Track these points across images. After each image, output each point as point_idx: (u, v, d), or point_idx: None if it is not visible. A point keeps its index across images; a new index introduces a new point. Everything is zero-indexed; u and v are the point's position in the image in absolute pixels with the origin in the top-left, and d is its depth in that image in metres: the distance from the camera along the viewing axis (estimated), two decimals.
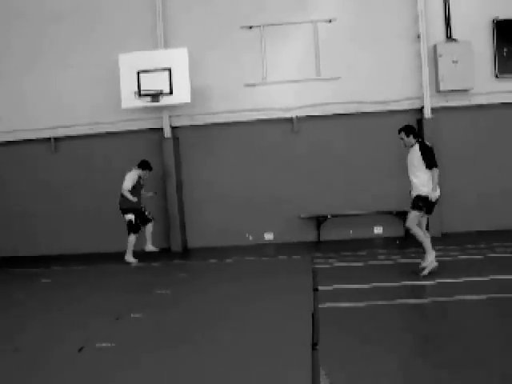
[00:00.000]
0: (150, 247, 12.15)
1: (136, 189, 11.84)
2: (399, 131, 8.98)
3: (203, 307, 7.66)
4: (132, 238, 11.85)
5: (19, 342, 6.42)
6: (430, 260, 8.67)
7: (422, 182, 8.63)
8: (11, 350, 6.11)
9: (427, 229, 9.25)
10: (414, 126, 9.06)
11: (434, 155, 8.71)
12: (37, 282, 10.40)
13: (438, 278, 8.47)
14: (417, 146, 8.76)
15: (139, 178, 11.88)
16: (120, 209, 11.87)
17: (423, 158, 8.60)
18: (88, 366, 5.50)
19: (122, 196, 11.78)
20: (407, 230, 9.00)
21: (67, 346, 6.12)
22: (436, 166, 8.61)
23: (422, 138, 8.90)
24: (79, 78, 13.73)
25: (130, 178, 11.77)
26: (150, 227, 12.06)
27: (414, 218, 8.70)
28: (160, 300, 8.26)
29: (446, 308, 7.04)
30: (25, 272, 11.89)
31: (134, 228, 11.82)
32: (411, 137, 8.85)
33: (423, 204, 8.65)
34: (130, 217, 11.75)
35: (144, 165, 11.96)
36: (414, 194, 8.76)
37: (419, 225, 8.87)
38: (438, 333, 6.00)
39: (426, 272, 8.64)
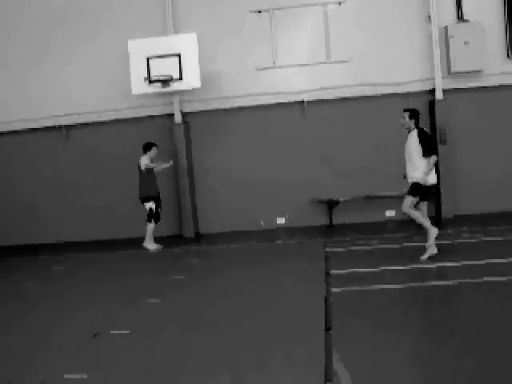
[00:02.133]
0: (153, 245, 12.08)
1: (151, 175, 11.84)
2: (404, 110, 8.97)
3: (217, 292, 7.71)
4: (151, 225, 11.80)
5: (33, 330, 6.49)
6: (433, 238, 8.65)
7: (417, 167, 8.59)
8: (25, 337, 6.18)
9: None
10: (419, 112, 8.99)
11: (432, 142, 8.68)
12: (49, 270, 10.48)
13: (448, 260, 8.46)
14: (415, 132, 8.73)
15: (151, 162, 11.86)
16: (140, 198, 11.82)
17: (421, 145, 8.57)
18: (103, 352, 5.56)
19: (141, 183, 11.78)
20: (407, 215, 8.97)
21: (82, 332, 6.19)
22: (434, 154, 8.58)
23: (421, 126, 8.87)
24: (89, 65, 13.72)
25: (143, 163, 11.73)
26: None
27: (408, 202, 8.69)
28: (174, 285, 8.32)
29: (460, 291, 7.03)
30: (33, 260, 11.99)
31: (154, 216, 11.80)
32: (413, 121, 8.82)
33: (418, 191, 8.62)
34: (151, 205, 11.72)
35: (148, 146, 11.89)
36: (411, 180, 8.71)
37: (420, 211, 8.83)
38: (452, 317, 6.00)
39: (425, 257, 8.64)
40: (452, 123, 12.81)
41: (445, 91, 12.94)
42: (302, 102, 13.41)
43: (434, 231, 8.70)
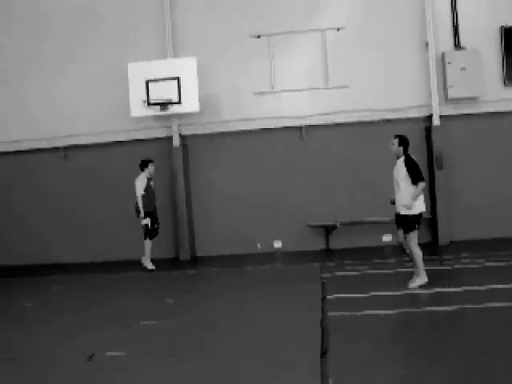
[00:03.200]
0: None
1: (149, 193, 11.83)
2: (394, 137, 8.95)
3: (212, 315, 7.68)
4: (148, 243, 11.83)
5: (29, 350, 6.45)
6: (418, 284, 8.51)
7: (406, 195, 8.56)
8: (22, 359, 6.14)
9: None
10: (408, 140, 8.92)
11: (419, 169, 8.63)
12: (47, 290, 10.44)
13: (447, 287, 8.45)
14: (402, 160, 8.72)
15: (148, 179, 11.86)
16: (136, 213, 11.83)
17: (409, 173, 8.56)
18: (98, 375, 5.52)
19: (137, 202, 11.81)
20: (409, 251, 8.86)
21: (77, 354, 6.14)
22: (422, 180, 8.55)
23: (409, 153, 8.82)
24: (88, 87, 13.80)
25: (141, 183, 11.76)
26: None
27: (415, 237, 8.61)
28: (170, 308, 8.29)
29: (456, 316, 7.01)
30: (33, 280, 11.94)
31: (150, 232, 11.81)
32: (401, 148, 8.80)
33: (416, 222, 8.59)
34: (146, 221, 11.73)
35: (144, 163, 11.91)
36: (404, 213, 8.63)
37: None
38: (447, 341, 5.98)
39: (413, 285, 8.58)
40: (449, 149, 12.88)
41: (442, 117, 13.04)
42: (300, 126, 13.47)
43: (423, 279, 8.54)
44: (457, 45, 13.06)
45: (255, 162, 13.69)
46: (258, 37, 13.46)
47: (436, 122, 13.00)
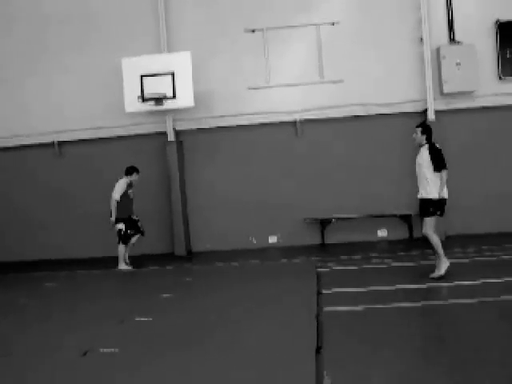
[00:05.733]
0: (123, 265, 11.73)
1: (127, 197, 11.61)
2: (417, 126, 8.97)
3: (207, 311, 7.65)
4: (121, 247, 11.60)
5: (22, 346, 6.42)
6: (444, 270, 8.57)
7: (430, 183, 8.57)
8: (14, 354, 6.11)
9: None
10: (431, 128, 8.96)
11: (443, 157, 8.62)
12: (40, 286, 10.40)
13: (445, 281, 8.45)
14: (426, 147, 8.71)
15: (128, 185, 11.67)
16: (110, 217, 11.61)
17: (432, 160, 8.56)
18: (92, 371, 5.49)
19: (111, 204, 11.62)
20: (425, 237, 8.86)
21: (71, 350, 6.12)
22: (445, 168, 8.56)
23: (433, 141, 8.80)
24: (82, 82, 13.77)
25: (119, 188, 11.52)
26: (135, 239, 11.78)
27: (430, 223, 8.61)
28: (164, 304, 8.26)
29: (450, 311, 7.01)
30: (28, 276, 11.90)
31: (123, 238, 11.58)
32: (424, 136, 8.78)
33: (434, 208, 8.58)
34: (121, 226, 11.51)
35: (131, 170, 11.71)
36: (422, 197, 8.68)
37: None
38: (442, 335, 5.97)
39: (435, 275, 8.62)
40: (443, 143, 12.80)
41: (437, 112, 13.03)
42: (295, 121, 13.46)
43: (446, 264, 8.58)
44: (452, 39, 13.05)
45: (250, 156, 13.68)
46: (253, 31, 13.43)
47: (431, 116, 12.99)
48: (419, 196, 8.76)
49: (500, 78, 13.03)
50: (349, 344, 5.85)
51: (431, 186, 8.55)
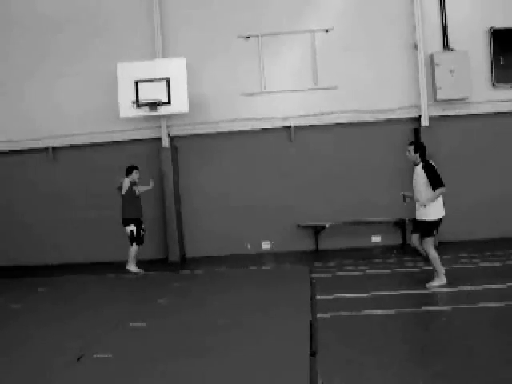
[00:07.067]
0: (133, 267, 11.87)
1: (133, 195, 11.73)
2: (409, 144, 8.98)
3: (201, 317, 7.64)
4: (134, 248, 11.67)
5: (16, 352, 6.40)
6: (437, 285, 8.53)
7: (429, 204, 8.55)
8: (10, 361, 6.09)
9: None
10: (424, 146, 8.93)
11: (438, 175, 8.55)
12: (34, 292, 10.35)
13: (440, 286, 8.48)
14: (421, 166, 8.68)
15: (132, 184, 11.77)
16: (122, 219, 11.73)
17: (429, 180, 8.52)
18: (86, 377, 5.48)
19: (123, 206, 11.73)
20: (415, 249, 8.89)
21: (65, 355, 6.10)
22: (442, 186, 8.51)
23: (426, 158, 8.79)
24: (77, 87, 13.75)
25: (125, 185, 11.66)
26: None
27: (431, 241, 8.60)
28: (158, 310, 8.24)
29: (445, 317, 7.03)
30: (23, 281, 11.84)
31: (136, 239, 11.68)
32: (417, 155, 8.75)
33: (434, 228, 8.59)
34: (132, 228, 11.64)
35: (130, 169, 11.77)
36: (421, 219, 8.63)
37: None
38: (436, 342, 5.99)
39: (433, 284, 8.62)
40: (437, 150, 12.90)
41: (430, 118, 13.09)
42: (289, 127, 13.49)
43: (443, 280, 8.55)
44: (445, 46, 13.11)
45: (244, 162, 13.70)
46: (248, 38, 13.47)
47: (425, 123, 13.05)
48: (418, 217, 8.70)
49: (493, 85, 13.11)
50: (343, 349, 5.86)
51: (430, 206, 8.55)
